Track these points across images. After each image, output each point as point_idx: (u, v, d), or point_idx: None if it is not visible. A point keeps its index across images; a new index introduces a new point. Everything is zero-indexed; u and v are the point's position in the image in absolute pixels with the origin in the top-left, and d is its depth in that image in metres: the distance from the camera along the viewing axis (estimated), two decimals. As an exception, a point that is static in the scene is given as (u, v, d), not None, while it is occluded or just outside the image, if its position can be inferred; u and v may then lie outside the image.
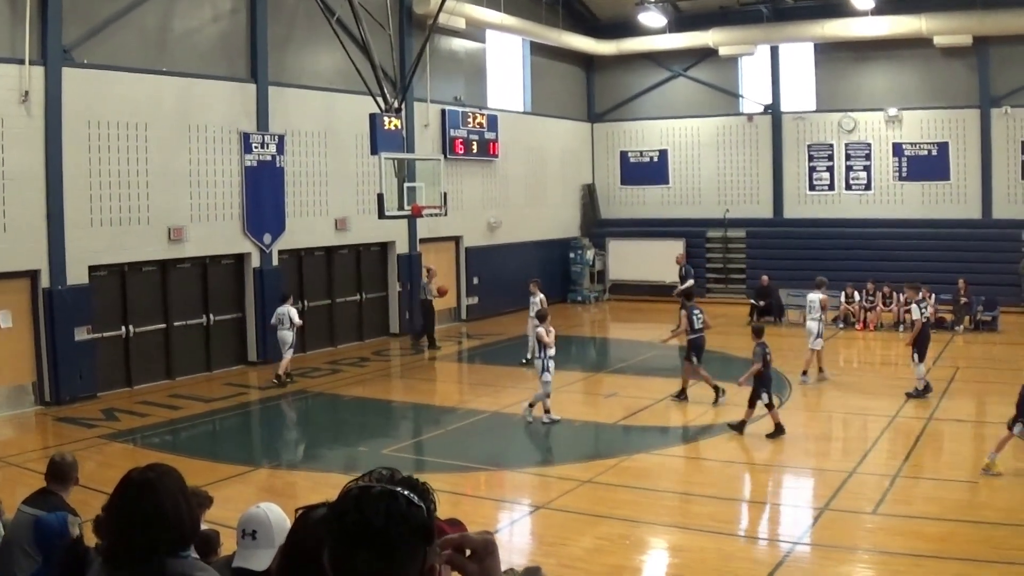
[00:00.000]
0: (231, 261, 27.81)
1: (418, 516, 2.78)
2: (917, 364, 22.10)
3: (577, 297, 41.80)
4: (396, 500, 2.77)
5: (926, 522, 13.81)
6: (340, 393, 24.86)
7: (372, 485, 2.82)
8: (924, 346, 22.38)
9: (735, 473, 17.63)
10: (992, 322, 31.86)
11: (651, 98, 43.53)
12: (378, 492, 2.79)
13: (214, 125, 26.51)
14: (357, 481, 2.86)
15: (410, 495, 2.81)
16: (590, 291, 41.92)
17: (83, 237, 23.32)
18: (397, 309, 33.15)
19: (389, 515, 2.74)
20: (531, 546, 14.29)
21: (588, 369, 28.03)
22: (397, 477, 2.88)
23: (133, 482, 4.53)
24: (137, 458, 17.86)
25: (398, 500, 2.77)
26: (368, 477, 2.87)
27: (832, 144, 39.95)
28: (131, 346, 25.11)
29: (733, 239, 41.13)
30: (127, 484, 4.55)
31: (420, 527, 2.78)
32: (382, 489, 2.80)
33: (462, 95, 36.26)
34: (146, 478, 4.55)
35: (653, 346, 29.79)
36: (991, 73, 36.80)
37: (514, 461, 19.06)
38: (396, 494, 2.79)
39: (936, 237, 36.78)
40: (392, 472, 2.89)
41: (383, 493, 2.79)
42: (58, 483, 8.89)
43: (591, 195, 44.49)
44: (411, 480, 2.89)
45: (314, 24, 28.38)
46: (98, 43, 23.79)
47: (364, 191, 30.50)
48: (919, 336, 22.29)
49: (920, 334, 22.32)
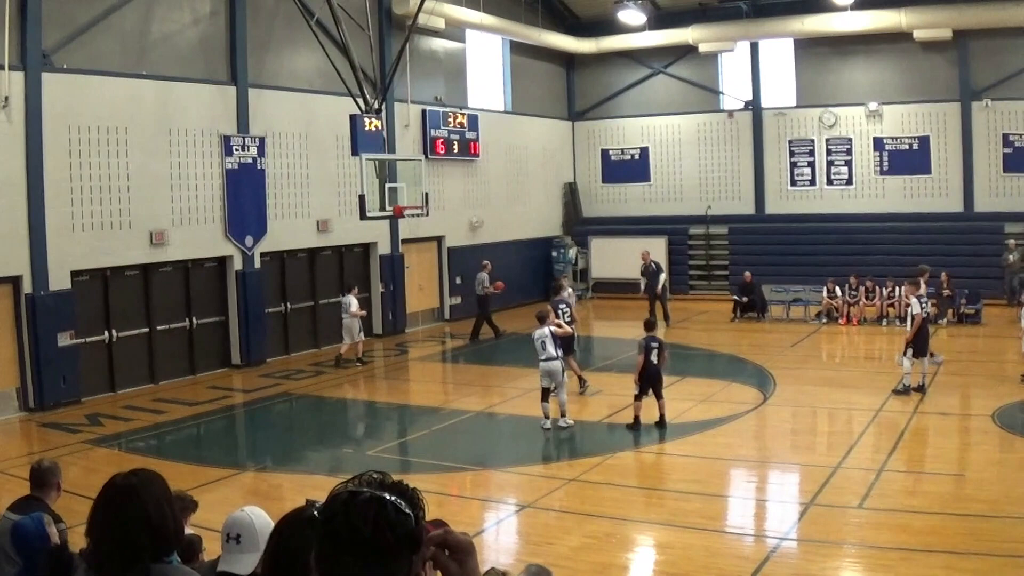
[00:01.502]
0: (213, 264, 27.74)
1: (406, 524, 2.76)
2: (908, 359, 21.84)
3: (560, 295, 41.68)
4: (384, 508, 2.75)
5: (912, 516, 13.82)
6: (324, 395, 24.83)
7: (361, 490, 2.80)
8: (922, 342, 22.02)
9: (720, 469, 17.60)
10: (975, 315, 31.96)
11: (632, 96, 43.55)
12: (367, 498, 2.77)
13: (194, 128, 26.45)
14: (347, 484, 2.84)
15: (398, 502, 2.78)
16: (573, 289, 41.86)
17: (65, 242, 23.25)
18: (380, 310, 33.12)
19: (377, 523, 2.72)
20: (518, 545, 14.28)
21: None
22: (387, 482, 2.85)
23: (116, 488, 4.51)
24: (122, 463, 17.84)
25: (386, 508, 2.75)
26: (358, 480, 2.85)
27: (813, 139, 40.01)
28: (114, 351, 25.04)
29: (715, 236, 41.13)
30: (110, 490, 4.52)
31: (407, 535, 2.76)
32: (371, 495, 2.78)
33: (442, 95, 36.24)
34: (129, 483, 4.52)
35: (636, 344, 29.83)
36: (971, 66, 36.90)
37: (499, 461, 19.06)
38: (385, 501, 2.76)
39: (918, 231, 36.83)
40: (383, 476, 2.87)
41: (372, 499, 2.76)
42: (40, 489, 8.87)
43: (573, 194, 44.49)
44: (401, 486, 2.87)
45: (293, 26, 28.35)
46: (78, 47, 23.71)
47: (345, 192, 30.48)
48: (918, 332, 22.00)
49: (920, 330, 22.01)
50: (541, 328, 20.39)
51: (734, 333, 32.69)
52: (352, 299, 28.45)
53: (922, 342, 21.99)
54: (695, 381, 24.57)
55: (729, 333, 32.68)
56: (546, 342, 20.08)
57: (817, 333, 31.55)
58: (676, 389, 22.63)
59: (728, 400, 22.21)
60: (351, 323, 28.19)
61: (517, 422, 21.28)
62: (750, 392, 23.12)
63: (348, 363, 28.10)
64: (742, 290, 35.25)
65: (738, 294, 35.40)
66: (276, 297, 29.56)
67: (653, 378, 19.91)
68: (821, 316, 33.31)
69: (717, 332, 32.32)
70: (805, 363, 27.39)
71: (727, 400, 22.16)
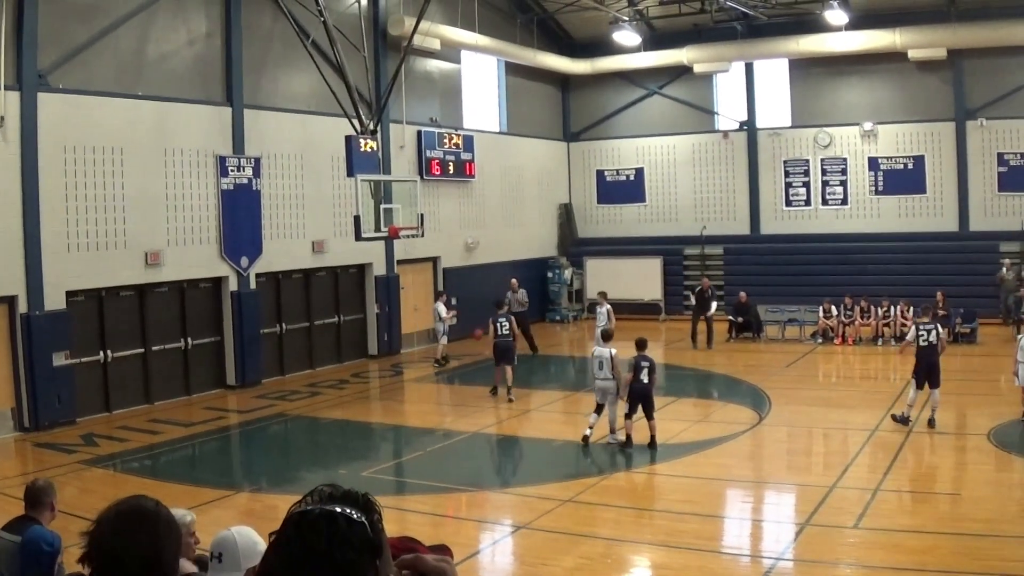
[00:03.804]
0: (208, 285, 27.72)
1: (360, 533, 2.74)
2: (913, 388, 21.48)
3: (555, 316, 41.82)
4: (335, 521, 2.73)
5: (908, 535, 13.83)
6: (319, 416, 24.78)
7: (310, 509, 2.78)
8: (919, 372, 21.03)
9: (716, 490, 17.60)
10: (971, 334, 32.02)
11: (627, 116, 43.65)
12: (316, 515, 2.75)
13: (190, 149, 26.45)
14: (299, 504, 2.83)
15: (350, 513, 2.76)
16: (568, 310, 41.95)
17: (60, 262, 23.23)
18: (375, 331, 33.11)
19: (331, 538, 2.69)
20: (513, 567, 14.27)
21: (568, 388, 28.05)
22: (336, 494, 2.84)
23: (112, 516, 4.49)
24: (117, 483, 17.87)
25: (337, 521, 2.73)
26: (309, 498, 2.84)
27: (808, 160, 40.09)
28: (109, 371, 24.99)
29: (710, 256, 41.14)
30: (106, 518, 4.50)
31: (364, 544, 2.73)
32: (320, 511, 2.76)
33: (438, 116, 36.28)
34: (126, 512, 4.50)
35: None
36: (966, 86, 37.02)
37: (495, 481, 19.08)
38: (334, 515, 2.74)
39: (913, 250, 36.93)
40: (332, 489, 2.85)
41: (321, 515, 2.74)
42: (34, 508, 8.85)
43: (568, 214, 44.53)
44: (351, 494, 2.85)
45: (289, 47, 28.40)
46: (73, 68, 23.74)
47: (341, 213, 30.46)
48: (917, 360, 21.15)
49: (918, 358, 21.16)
50: (601, 348, 20.66)
51: (729, 353, 32.69)
52: (439, 304, 31.98)
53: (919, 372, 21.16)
54: (690, 401, 24.61)
55: (724, 353, 32.68)
56: (604, 362, 20.22)
57: (812, 353, 31.57)
58: (671, 409, 22.66)
59: (723, 420, 22.21)
60: (438, 327, 31.81)
61: (512, 443, 21.29)
62: (745, 412, 23.10)
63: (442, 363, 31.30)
64: (737, 310, 35.28)
65: (733, 314, 35.43)
66: (271, 318, 29.53)
67: (642, 397, 19.86)
68: (816, 336, 33.35)
69: (712, 352, 32.31)
70: (800, 383, 27.40)
71: (722, 420, 22.16)
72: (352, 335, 32.73)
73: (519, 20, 39.49)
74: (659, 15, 39.83)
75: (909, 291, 33.20)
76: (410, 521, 14.88)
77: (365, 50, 28.89)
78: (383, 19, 33.02)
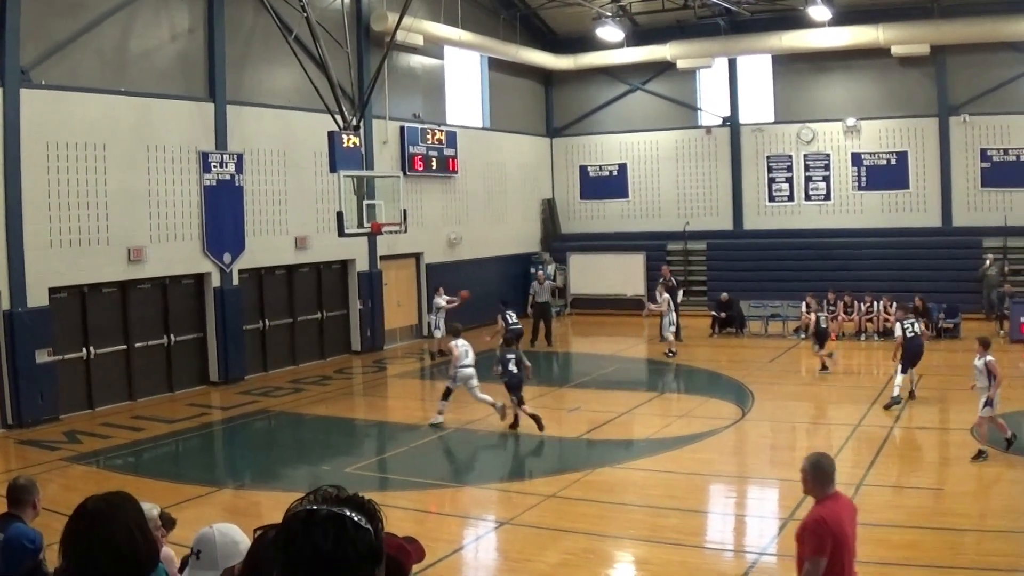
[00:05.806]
0: (191, 281, 27.65)
1: (366, 539, 2.75)
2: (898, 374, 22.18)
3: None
4: (344, 524, 2.73)
5: (892, 530, 13.83)
6: (302, 412, 24.75)
7: (319, 508, 2.78)
8: (907, 358, 22.49)
9: (699, 485, 17.62)
10: (954, 329, 32.08)
11: (610, 112, 43.63)
12: (324, 515, 2.75)
13: (172, 145, 26.38)
14: (302, 502, 2.82)
15: (357, 518, 2.76)
16: (552, 305, 41.89)
17: (42, 259, 23.14)
18: (359, 327, 33.07)
19: (337, 540, 2.70)
20: (496, 562, 14.27)
21: (551, 384, 27.98)
22: (343, 496, 2.83)
23: (86, 512, 4.47)
24: (100, 480, 17.80)
25: (346, 524, 2.73)
26: (314, 497, 2.83)
27: (791, 155, 40.16)
28: (92, 368, 24.91)
29: (694, 251, 41.22)
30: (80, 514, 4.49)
31: (368, 550, 2.74)
32: (328, 512, 2.76)
33: (420, 112, 36.22)
34: (99, 508, 4.48)
35: (615, 360, 29.87)
36: (949, 82, 37.11)
37: (478, 477, 19.05)
38: (343, 518, 2.75)
39: (896, 246, 37.03)
40: (338, 491, 2.85)
41: (330, 516, 2.74)
42: (16, 506, 8.80)
43: (551, 210, 44.52)
44: (358, 499, 2.85)
45: (272, 42, 28.35)
46: (55, 63, 23.64)
47: (324, 209, 30.41)
48: (904, 351, 22.46)
49: (905, 350, 22.49)
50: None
51: (712, 349, 32.74)
52: (438, 298, 31.89)
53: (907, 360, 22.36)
54: (673, 397, 24.62)
55: (707, 349, 32.72)
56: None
57: (795, 348, 31.60)
58: (654, 405, 22.72)
59: (706, 415, 22.22)
60: (432, 319, 32.23)
61: (495, 439, 21.24)
62: (728, 407, 23.14)
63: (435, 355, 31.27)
64: (720, 306, 35.31)
65: (716, 310, 35.47)
66: (254, 314, 29.47)
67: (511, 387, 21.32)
68: (799, 331, 33.35)
69: (695, 348, 32.33)
70: (783, 378, 27.45)
71: (705, 415, 22.17)
72: (335, 331, 32.67)
73: (502, 16, 39.45)
74: (642, 11, 39.78)
75: (892, 286, 33.25)
76: (393, 517, 14.79)
77: (348, 46, 28.87)
78: (366, 15, 32.94)
